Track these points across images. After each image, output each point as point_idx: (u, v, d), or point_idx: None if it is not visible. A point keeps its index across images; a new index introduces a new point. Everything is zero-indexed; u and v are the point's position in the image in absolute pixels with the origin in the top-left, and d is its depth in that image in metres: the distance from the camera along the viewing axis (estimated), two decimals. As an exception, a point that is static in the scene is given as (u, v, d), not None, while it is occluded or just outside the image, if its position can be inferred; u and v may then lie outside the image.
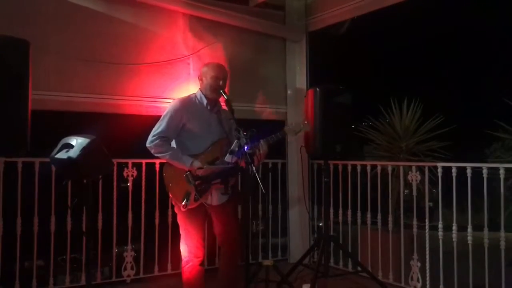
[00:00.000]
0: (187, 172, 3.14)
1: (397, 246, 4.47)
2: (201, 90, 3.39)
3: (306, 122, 3.77)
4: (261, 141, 3.28)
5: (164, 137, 3.24)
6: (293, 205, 5.40)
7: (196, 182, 3.18)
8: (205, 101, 3.35)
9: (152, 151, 3.27)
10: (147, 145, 3.26)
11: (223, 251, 3.42)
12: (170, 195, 3.36)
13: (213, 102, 3.37)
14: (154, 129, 3.27)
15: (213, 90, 3.30)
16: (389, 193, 4.61)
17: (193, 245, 3.30)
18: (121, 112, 4.54)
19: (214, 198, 3.29)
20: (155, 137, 3.24)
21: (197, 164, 3.19)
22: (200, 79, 3.40)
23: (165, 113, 3.31)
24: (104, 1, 4.41)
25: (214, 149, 3.29)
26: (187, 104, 3.34)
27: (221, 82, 3.31)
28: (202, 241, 3.33)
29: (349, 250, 4.91)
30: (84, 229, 4.03)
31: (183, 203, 3.19)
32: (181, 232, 3.36)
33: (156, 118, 3.37)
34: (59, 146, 2.93)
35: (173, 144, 3.33)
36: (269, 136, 3.35)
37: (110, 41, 4.44)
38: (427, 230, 4.19)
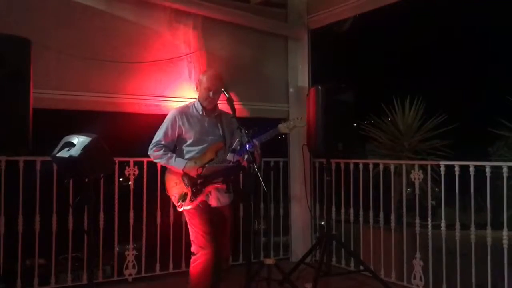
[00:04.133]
0: (182, 174, 3.29)
1: (399, 244, 4.46)
2: (198, 99, 3.48)
3: (300, 118, 3.53)
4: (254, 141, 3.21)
5: (160, 145, 3.40)
6: (295, 203, 5.39)
7: (198, 181, 3.22)
8: (200, 109, 3.44)
9: (152, 158, 3.47)
10: (148, 153, 3.45)
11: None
12: (170, 196, 3.46)
13: (209, 109, 3.45)
14: (153, 138, 3.44)
15: (205, 100, 3.41)
16: (392, 192, 4.60)
17: (201, 241, 3.33)
18: (122, 111, 4.53)
19: (213, 199, 3.36)
20: (153, 145, 3.42)
21: (190, 165, 3.28)
22: (197, 87, 3.49)
23: (163, 122, 3.45)
24: (106, -1, 4.41)
25: (209, 152, 3.36)
26: (184, 112, 3.44)
27: (211, 94, 3.36)
28: (210, 237, 3.32)
29: (351, 249, 4.89)
30: (85, 227, 4.03)
31: (179, 204, 3.34)
32: (189, 230, 3.41)
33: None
34: (60, 144, 2.92)
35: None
36: (262, 135, 3.32)
37: (111, 39, 4.43)
38: (429, 229, 4.18)
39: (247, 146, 3.05)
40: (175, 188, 3.37)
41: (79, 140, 2.79)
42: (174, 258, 4.68)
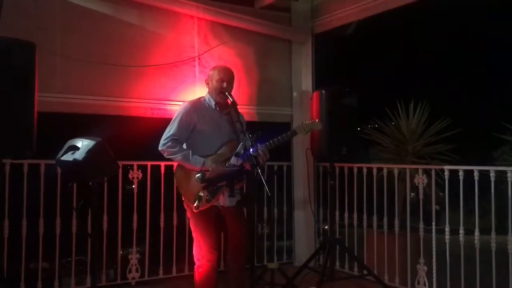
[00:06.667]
0: (199, 173, 3.17)
1: (403, 249, 4.44)
2: (209, 94, 3.42)
3: (317, 120, 3.55)
4: (263, 145, 3.18)
5: (176, 139, 3.27)
6: (298, 207, 5.38)
7: (202, 185, 3.19)
8: (213, 103, 3.37)
9: (165, 154, 3.29)
10: (160, 148, 3.29)
11: (230, 254, 3.39)
12: (183, 197, 3.36)
13: (222, 104, 3.38)
14: (165, 132, 3.30)
15: (218, 93, 3.32)
16: (395, 196, 4.58)
17: (205, 249, 3.26)
18: (127, 114, 4.54)
19: (226, 199, 3.27)
20: (167, 140, 3.26)
21: (208, 164, 3.20)
22: (207, 83, 3.42)
23: (175, 115, 3.34)
24: (110, 3, 4.42)
25: (225, 150, 3.28)
26: (197, 106, 3.36)
27: (225, 84, 3.30)
28: (214, 244, 3.27)
29: (355, 254, 4.88)
30: (89, 231, 4.05)
31: (195, 205, 3.20)
32: (193, 236, 3.34)
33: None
34: (65, 148, 2.94)
35: (184, 146, 3.34)
36: (277, 137, 3.27)
37: (116, 43, 4.44)
38: (433, 234, 4.16)
39: (251, 150, 3.04)
40: (188, 187, 3.25)
41: (83, 144, 2.80)
42: (178, 262, 4.67)
